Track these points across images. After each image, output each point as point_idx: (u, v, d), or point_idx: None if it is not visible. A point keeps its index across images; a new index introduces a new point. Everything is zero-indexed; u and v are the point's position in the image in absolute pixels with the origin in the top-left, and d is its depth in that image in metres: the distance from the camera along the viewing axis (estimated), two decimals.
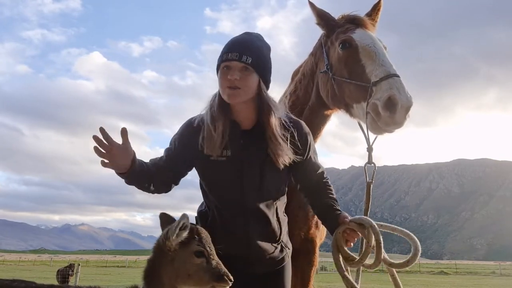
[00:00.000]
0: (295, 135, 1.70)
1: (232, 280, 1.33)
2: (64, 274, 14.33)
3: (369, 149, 1.91)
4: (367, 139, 1.91)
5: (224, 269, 1.34)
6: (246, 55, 1.57)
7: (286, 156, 1.63)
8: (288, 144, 1.65)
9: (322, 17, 2.10)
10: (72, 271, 14.23)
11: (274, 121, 1.64)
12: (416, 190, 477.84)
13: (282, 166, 1.64)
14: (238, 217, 1.65)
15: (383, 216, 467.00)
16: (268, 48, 1.71)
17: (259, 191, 1.67)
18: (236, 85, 1.57)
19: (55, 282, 14.77)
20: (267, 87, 1.69)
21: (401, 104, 1.63)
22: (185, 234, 1.31)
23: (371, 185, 1.94)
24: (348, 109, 1.97)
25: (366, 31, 2.00)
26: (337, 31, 2.02)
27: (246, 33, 1.72)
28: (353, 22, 2.03)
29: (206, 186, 1.75)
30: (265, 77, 1.66)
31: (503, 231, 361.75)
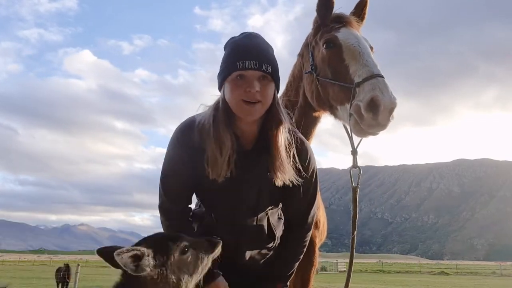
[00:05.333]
0: (298, 158, 1.60)
1: (219, 239, 1.40)
2: (64, 274, 14.42)
3: (354, 152, 1.87)
4: (352, 142, 1.86)
5: (206, 237, 1.42)
6: (265, 63, 1.44)
7: (286, 175, 1.53)
8: (291, 163, 1.56)
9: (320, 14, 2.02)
10: (65, 271, 14.38)
11: (282, 137, 1.54)
12: (416, 190, 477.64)
13: (281, 184, 1.55)
14: (230, 234, 1.60)
15: (384, 216, 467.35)
16: (273, 49, 1.58)
17: (254, 210, 1.62)
18: (257, 99, 1.43)
19: (54, 282, 14.91)
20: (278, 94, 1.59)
21: (384, 105, 1.58)
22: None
23: (358, 190, 1.88)
24: (332, 110, 1.93)
25: (351, 30, 1.95)
26: (321, 30, 1.98)
27: (250, 35, 1.54)
28: (338, 20, 1.97)
29: (200, 201, 1.71)
30: (279, 86, 1.56)
31: (503, 231, 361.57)
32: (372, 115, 1.61)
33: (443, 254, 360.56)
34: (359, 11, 2.09)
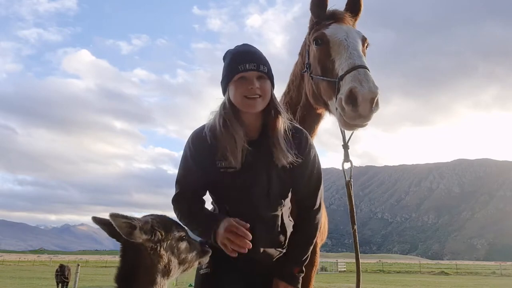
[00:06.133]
0: (296, 143, 1.75)
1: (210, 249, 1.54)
2: (57, 274, 14.47)
3: (345, 146, 1.90)
4: (343, 136, 1.91)
5: (199, 241, 1.53)
6: (262, 65, 1.67)
7: (286, 156, 1.69)
8: (288, 150, 1.70)
9: (314, 14, 2.09)
10: (59, 271, 14.49)
11: (280, 125, 1.71)
12: (416, 190, 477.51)
13: (284, 165, 1.70)
14: (246, 221, 1.69)
15: (384, 216, 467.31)
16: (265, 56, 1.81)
17: (267, 199, 1.73)
18: (257, 93, 1.65)
19: (54, 282, 14.88)
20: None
21: (362, 96, 1.60)
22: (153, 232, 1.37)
23: (351, 184, 1.91)
24: (326, 107, 1.98)
25: (341, 25, 1.98)
26: (314, 29, 2.04)
27: (246, 45, 1.80)
28: (331, 17, 2.02)
29: (214, 196, 1.82)
30: (273, 84, 1.75)
31: (503, 231, 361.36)
32: (352, 107, 1.63)
33: (443, 254, 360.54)
34: (354, 5, 2.11)
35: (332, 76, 1.83)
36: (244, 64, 1.65)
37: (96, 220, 1.40)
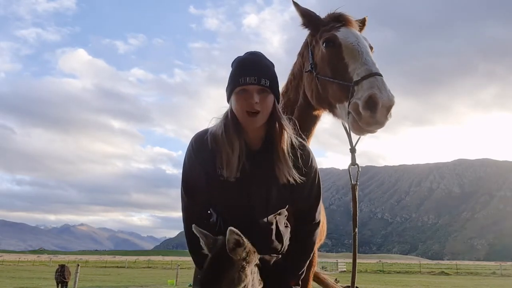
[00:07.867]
0: (300, 159, 1.73)
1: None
2: (58, 274, 14.44)
3: (352, 150, 1.91)
4: (350, 140, 1.90)
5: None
6: (263, 78, 1.63)
7: (289, 174, 1.68)
8: (292, 163, 1.70)
9: (306, 16, 2.11)
10: (60, 271, 14.46)
11: (286, 140, 1.70)
12: (416, 190, 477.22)
13: (285, 181, 1.70)
14: (243, 232, 1.68)
15: (384, 216, 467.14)
16: (273, 65, 1.76)
17: (265, 209, 1.74)
18: (256, 109, 1.62)
19: (54, 283, 14.87)
20: (278, 104, 1.75)
21: (382, 103, 1.62)
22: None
23: (357, 187, 1.93)
24: (331, 109, 1.96)
25: (351, 29, 2.00)
26: (321, 30, 2.03)
27: (252, 54, 1.76)
28: (338, 20, 2.03)
29: (213, 203, 1.81)
30: (278, 96, 1.73)
31: (504, 231, 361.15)
32: (370, 113, 1.64)
33: (443, 254, 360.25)
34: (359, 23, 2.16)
35: (344, 80, 1.82)
36: (244, 78, 1.62)
37: (197, 230, 1.54)
